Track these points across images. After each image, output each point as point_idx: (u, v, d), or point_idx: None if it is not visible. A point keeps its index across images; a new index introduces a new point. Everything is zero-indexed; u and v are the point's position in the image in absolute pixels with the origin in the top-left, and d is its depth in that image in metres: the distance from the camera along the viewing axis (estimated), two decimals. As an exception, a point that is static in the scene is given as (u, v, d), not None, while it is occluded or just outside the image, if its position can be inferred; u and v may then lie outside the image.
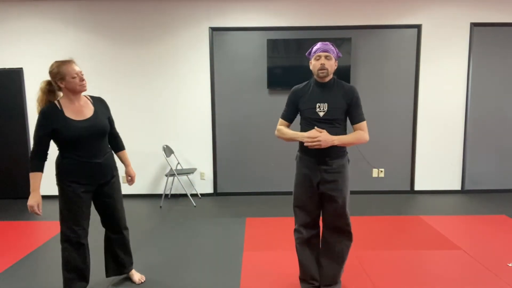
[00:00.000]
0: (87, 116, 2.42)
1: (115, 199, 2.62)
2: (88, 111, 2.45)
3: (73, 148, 2.38)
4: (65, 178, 2.41)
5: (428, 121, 5.18)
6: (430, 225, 3.98)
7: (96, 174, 2.47)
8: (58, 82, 2.36)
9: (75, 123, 2.36)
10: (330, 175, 2.37)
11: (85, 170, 2.42)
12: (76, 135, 2.34)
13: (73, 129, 2.34)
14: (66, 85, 2.35)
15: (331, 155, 2.35)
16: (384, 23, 5.02)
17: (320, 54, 2.33)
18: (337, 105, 2.34)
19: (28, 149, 5.20)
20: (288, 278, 2.85)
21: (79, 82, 2.37)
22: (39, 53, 5.07)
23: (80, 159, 2.39)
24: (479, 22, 5.00)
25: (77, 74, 2.35)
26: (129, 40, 5.06)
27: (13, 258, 3.28)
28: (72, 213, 2.42)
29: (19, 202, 5.14)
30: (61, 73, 2.33)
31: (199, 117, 5.19)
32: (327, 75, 2.35)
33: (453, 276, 2.86)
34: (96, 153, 2.45)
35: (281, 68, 5.02)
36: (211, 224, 4.13)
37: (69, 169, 2.40)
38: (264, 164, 5.30)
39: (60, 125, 2.32)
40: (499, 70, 5.10)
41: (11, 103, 5.15)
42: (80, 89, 2.39)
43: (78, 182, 2.41)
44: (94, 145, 2.44)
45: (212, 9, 5.00)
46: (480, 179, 5.29)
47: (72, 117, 2.37)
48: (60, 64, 2.35)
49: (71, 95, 2.40)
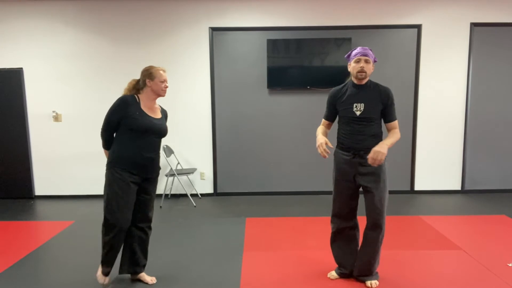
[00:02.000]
0: (157, 117, 2.70)
1: (151, 197, 2.77)
2: (158, 114, 2.72)
3: (135, 140, 2.59)
4: (118, 165, 2.57)
5: (428, 121, 5.19)
6: (430, 225, 3.98)
7: (147, 167, 2.65)
8: (146, 79, 2.63)
9: (148, 117, 2.62)
10: (365, 168, 2.55)
11: (139, 161, 2.60)
12: (146, 126, 2.58)
13: (145, 120, 2.59)
14: (153, 86, 2.63)
15: (365, 149, 2.53)
16: (384, 23, 5.02)
17: (360, 58, 2.49)
18: (373, 105, 2.52)
19: (28, 149, 5.20)
20: (288, 278, 2.85)
21: (164, 87, 2.66)
22: (39, 53, 5.07)
23: (138, 150, 2.59)
24: (479, 22, 5.00)
25: (164, 80, 2.65)
26: (129, 40, 5.06)
27: (13, 258, 3.28)
28: (116, 200, 2.55)
29: (19, 202, 5.14)
30: (153, 74, 2.62)
31: (199, 117, 5.19)
32: (366, 77, 2.53)
33: (453, 276, 2.86)
34: (152, 149, 2.66)
35: (281, 68, 5.02)
36: (211, 224, 4.12)
37: (125, 157, 2.58)
38: (264, 164, 5.30)
39: (134, 113, 2.57)
40: (499, 70, 5.10)
41: (11, 103, 5.15)
42: (161, 93, 2.67)
43: (129, 171, 2.58)
44: (153, 142, 2.66)
45: (212, 9, 5.00)
46: (480, 179, 5.29)
47: (146, 111, 2.63)
48: (154, 67, 2.66)
49: (151, 96, 2.67)
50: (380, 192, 2.56)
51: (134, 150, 2.58)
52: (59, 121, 5.19)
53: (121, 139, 2.60)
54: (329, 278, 2.82)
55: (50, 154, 5.24)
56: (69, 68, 5.10)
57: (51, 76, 5.12)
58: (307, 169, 5.29)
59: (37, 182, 5.31)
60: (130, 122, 2.56)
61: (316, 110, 5.14)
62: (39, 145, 5.23)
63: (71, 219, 4.35)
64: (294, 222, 4.13)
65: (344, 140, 2.60)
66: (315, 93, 5.13)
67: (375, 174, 2.55)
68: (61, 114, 5.19)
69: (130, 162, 2.58)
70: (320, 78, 5.04)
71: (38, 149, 5.24)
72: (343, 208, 2.68)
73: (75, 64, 5.09)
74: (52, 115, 5.19)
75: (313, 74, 5.02)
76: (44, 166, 5.27)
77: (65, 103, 5.16)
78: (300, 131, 5.23)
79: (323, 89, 5.08)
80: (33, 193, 5.31)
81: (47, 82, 5.12)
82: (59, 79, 5.12)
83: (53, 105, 5.17)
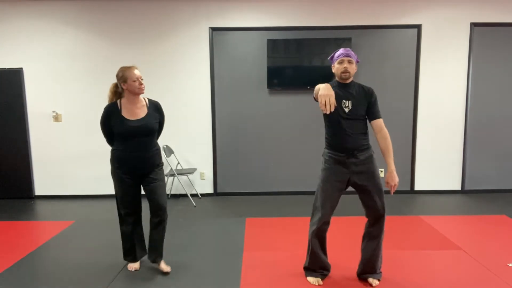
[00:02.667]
0: (140, 117, 2.82)
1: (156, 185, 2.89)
2: (142, 113, 2.84)
3: (123, 142, 2.81)
4: (114, 165, 2.87)
5: (428, 121, 5.18)
6: (430, 225, 3.98)
7: (137, 165, 2.85)
8: (121, 84, 2.78)
9: (128, 122, 2.78)
10: (359, 167, 2.60)
11: (128, 161, 2.83)
12: (126, 131, 2.77)
13: (124, 126, 2.77)
14: (128, 87, 2.77)
15: (358, 149, 2.59)
16: (384, 23, 5.02)
17: (343, 59, 2.57)
18: (360, 103, 2.59)
19: (28, 149, 5.20)
20: (288, 278, 2.85)
21: (138, 85, 2.76)
22: (39, 53, 5.07)
23: (126, 151, 2.81)
24: (479, 22, 5.00)
25: (137, 78, 2.75)
26: (129, 40, 5.06)
27: (13, 258, 3.28)
28: (119, 195, 2.90)
29: (19, 202, 5.14)
30: (124, 77, 2.75)
31: (199, 117, 5.19)
32: (349, 77, 2.60)
33: (453, 276, 2.86)
34: (141, 148, 2.83)
35: (281, 68, 5.02)
36: (211, 224, 4.13)
37: (117, 158, 2.85)
38: (264, 164, 5.30)
39: (115, 122, 2.78)
40: (499, 70, 5.10)
41: (11, 103, 5.15)
42: (138, 92, 2.79)
43: (121, 169, 2.85)
44: (141, 141, 2.82)
45: (212, 9, 5.00)
46: (480, 179, 5.29)
47: (126, 116, 2.79)
48: (125, 69, 2.77)
49: (130, 96, 2.81)
50: (377, 187, 2.61)
51: (123, 151, 2.82)
52: (59, 121, 5.19)
53: (115, 142, 2.86)
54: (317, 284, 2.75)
55: (50, 154, 5.24)
56: (69, 68, 5.10)
57: (51, 76, 5.12)
58: (307, 169, 5.29)
59: (37, 182, 5.31)
60: (115, 129, 2.79)
61: (316, 110, 5.14)
62: (39, 145, 5.23)
63: (71, 219, 4.35)
64: (294, 222, 4.13)
65: (335, 141, 2.62)
66: (315, 93, 5.12)
67: (369, 171, 2.60)
68: (61, 114, 5.19)
69: (121, 161, 2.84)
70: (320, 78, 5.03)
71: (38, 149, 5.24)
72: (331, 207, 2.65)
73: (75, 64, 5.10)
74: (52, 115, 5.19)
75: (313, 74, 5.02)
76: (44, 166, 5.27)
77: (65, 103, 5.16)
78: (300, 131, 5.23)
79: (323, 89, 5.07)
80: (33, 193, 5.31)
81: (47, 82, 5.12)
82: (59, 79, 5.12)
83: (53, 105, 5.17)
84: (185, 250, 3.43)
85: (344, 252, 3.30)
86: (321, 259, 2.78)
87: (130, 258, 3.04)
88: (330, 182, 2.63)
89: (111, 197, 5.24)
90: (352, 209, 4.53)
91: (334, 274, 2.90)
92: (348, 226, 3.94)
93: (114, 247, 3.49)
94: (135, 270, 3.02)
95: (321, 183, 2.67)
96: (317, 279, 2.77)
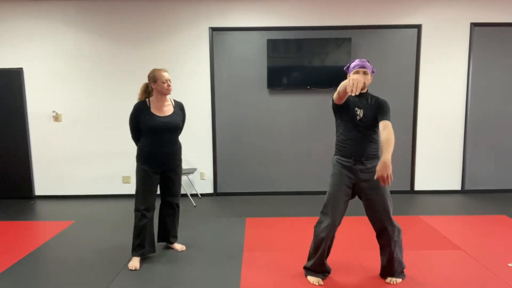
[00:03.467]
0: (166, 114, 3.09)
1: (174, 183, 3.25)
2: (169, 111, 3.11)
3: (151, 137, 3.04)
4: (140, 160, 3.07)
5: (428, 121, 5.19)
6: (430, 225, 3.98)
7: (163, 160, 3.11)
8: (151, 83, 3.05)
9: (157, 118, 3.03)
10: (366, 175, 2.62)
11: (156, 156, 3.06)
12: (155, 126, 3.01)
13: (154, 121, 3.01)
14: (156, 87, 3.03)
15: (366, 156, 2.62)
16: (384, 23, 5.02)
17: (359, 70, 2.59)
18: (372, 113, 2.61)
19: (28, 149, 5.20)
20: (288, 278, 2.85)
21: (166, 87, 3.03)
22: (39, 53, 5.07)
23: (153, 146, 3.05)
24: (479, 22, 5.00)
25: (166, 80, 3.02)
26: (129, 40, 5.06)
27: (13, 258, 3.28)
28: (141, 191, 3.06)
29: (19, 202, 5.14)
30: (155, 77, 3.01)
31: (199, 117, 5.19)
32: (364, 88, 2.63)
33: (453, 276, 2.86)
34: (167, 144, 3.10)
35: (281, 68, 5.02)
36: (211, 224, 4.13)
37: (144, 153, 3.06)
38: (264, 164, 5.30)
39: (144, 118, 3.01)
40: (499, 70, 5.10)
41: (11, 103, 5.15)
42: (166, 92, 3.06)
43: (148, 165, 3.06)
44: (167, 137, 3.09)
45: (212, 9, 5.00)
46: (480, 179, 5.29)
47: (155, 112, 3.05)
48: (156, 71, 3.03)
49: (159, 95, 3.07)
50: (381, 197, 2.61)
51: (150, 147, 3.05)
52: (59, 121, 5.19)
53: (142, 138, 3.09)
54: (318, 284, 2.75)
55: (50, 154, 5.24)
56: (69, 68, 5.10)
57: (51, 76, 5.12)
58: (307, 169, 5.29)
59: (37, 182, 5.31)
60: (144, 125, 3.02)
61: (316, 110, 5.14)
62: (39, 145, 5.23)
63: (71, 219, 4.35)
64: (294, 222, 4.13)
65: (345, 147, 2.66)
66: (315, 93, 5.13)
67: (374, 180, 2.59)
68: (61, 114, 5.19)
69: (148, 156, 3.05)
70: (320, 78, 5.04)
71: (38, 149, 5.24)
72: (341, 214, 2.66)
73: (75, 64, 5.09)
74: (52, 115, 5.19)
75: (313, 74, 5.02)
76: (44, 166, 5.27)
77: (65, 103, 5.16)
78: (300, 131, 5.23)
79: (323, 89, 5.08)
80: (33, 193, 5.31)
81: (47, 82, 5.13)
82: (59, 79, 5.12)
83: (53, 105, 5.17)
84: (185, 250, 3.43)
85: (344, 252, 3.30)
86: (325, 264, 2.80)
87: (139, 253, 3.11)
88: (338, 187, 2.65)
89: (111, 197, 5.24)
90: (352, 209, 4.52)
91: (334, 274, 2.90)
92: (348, 226, 3.94)
93: (114, 247, 3.49)
94: (135, 269, 3.03)
95: (330, 188, 2.69)
96: (318, 279, 2.77)
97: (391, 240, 2.65)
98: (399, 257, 2.73)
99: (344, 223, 4.04)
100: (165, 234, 3.37)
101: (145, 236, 3.10)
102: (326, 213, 2.68)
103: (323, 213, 2.71)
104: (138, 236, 3.09)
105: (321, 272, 2.81)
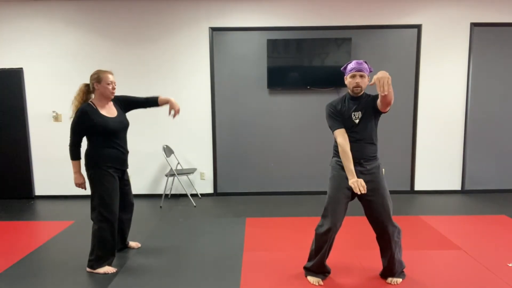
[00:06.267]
0: (115, 115, 2.97)
1: (130, 185, 3.24)
2: (114, 111, 2.99)
3: (105, 140, 2.89)
4: (104, 164, 2.89)
5: (428, 121, 5.18)
6: (430, 225, 3.98)
7: (126, 160, 3.07)
8: (94, 83, 2.89)
9: (110, 119, 2.90)
10: (365, 177, 2.61)
11: (120, 157, 2.98)
12: (113, 128, 2.89)
13: (110, 124, 2.87)
14: (100, 88, 2.89)
15: (365, 157, 2.62)
16: (384, 23, 5.02)
17: (355, 74, 2.57)
18: (370, 111, 2.61)
19: (28, 149, 5.20)
20: (288, 278, 2.85)
21: (111, 89, 2.91)
22: (39, 53, 5.07)
23: (117, 146, 2.95)
24: (479, 22, 5.00)
25: (111, 82, 2.91)
26: (129, 40, 5.06)
27: (13, 258, 3.28)
28: (109, 196, 2.90)
29: (19, 202, 5.14)
30: (99, 78, 2.87)
31: (199, 117, 5.19)
32: (361, 91, 2.62)
33: (453, 276, 2.86)
34: (125, 143, 3.07)
35: (281, 68, 5.02)
36: (211, 224, 4.13)
37: (109, 156, 2.91)
38: (264, 164, 5.30)
39: (98, 121, 2.83)
40: (499, 70, 5.10)
41: (11, 103, 5.15)
42: (109, 95, 2.93)
43: (114, 167, 2.95)
44: (123, 137, 3.03)
45: (212, 9, 5.00)
46: (480, 179, 5.29)
47: (104, 114, 2.90)
48: (101, 71, 2.91)
49: (101, 98, 2.92)
50: (381, 198, 2.61)
51: (114, 148, 2.93)
52: (59, 121, 5.19)
53: (96, 142, 2.89)
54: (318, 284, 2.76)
55: (50, 154, 5.24)
56: (69, 68, 5.10)
57: (51, 76, 5.12)
58: (307, 169, 5.29)
59: (37, 182, 5.31)
60: (99, 127, 2.83)
61: (316, 110, 5.14)
62: (39, 145, 5.23)
63: (71, 219, 4.35)
64: (294, 222, 4.13)
65: None
66: (315, 93, 5.13)
67: (374, 182, 2.60)
68: (61, 114, 5.19)
69: (114, 158, 2.93)
70: (320, 78, 5.04)
71: (38, 149, 5.24)
72: (341, 216, 2.66)
73: (75, 64, 5.10)
74: (52, 115, 5.19)
75: (313, 74, 5.02)
76: (44, 166, 5.27)
77: (65, 103, 5.15)
78: (300, 131, 5.23)
79: (323, 89, 5.08)
80: (33, 193, 5.31)
81: (47, 82, 5.12)
82: (59, 79, 5.12)
83: (53, 105, 5.17)
84: (185, 250, 3.43)
85: (344, 252, 3.30)
86: (326, 266, 2.81)
87: (110, 261, 3.02)
88: (338, 189, 2.64)
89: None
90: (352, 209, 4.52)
91: (334, 274, 2.90)
92: (348, 226, 3.94)
93: (114, 247, 3.49)
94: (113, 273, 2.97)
95: (329, 191, 2.68)
96: (318, 279, 2.77)
97: (392, 241, 2.66)
98: (399, 258, 2.74)
99: (344, 223, 4.03)
100: (123, 240, 3.35)
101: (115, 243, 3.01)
102: (326, 216, 2.67)
103: (323, 216, 2.70)
104: (109, 246, 2.95)
105: (321, 272, 2.81)
